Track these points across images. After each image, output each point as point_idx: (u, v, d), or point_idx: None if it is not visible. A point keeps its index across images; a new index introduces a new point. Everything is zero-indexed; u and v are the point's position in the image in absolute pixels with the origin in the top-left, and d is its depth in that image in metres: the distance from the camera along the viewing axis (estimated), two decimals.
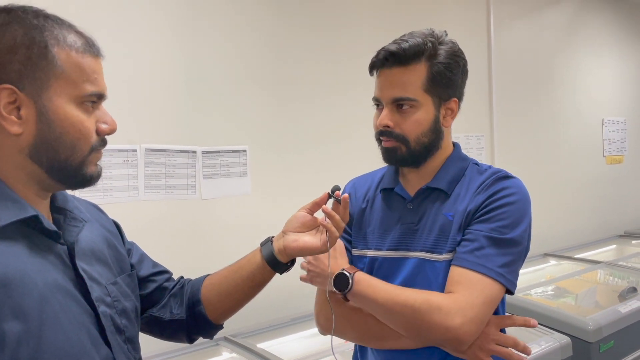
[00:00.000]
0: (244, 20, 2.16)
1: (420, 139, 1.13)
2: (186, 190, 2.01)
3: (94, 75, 0.82)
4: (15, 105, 0.76)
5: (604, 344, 2.08)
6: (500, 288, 1.06)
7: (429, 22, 2.79)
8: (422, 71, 1.11)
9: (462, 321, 1.00)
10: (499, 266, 1.06)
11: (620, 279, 2.82)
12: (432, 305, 1.03)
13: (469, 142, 3.01)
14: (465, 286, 1.04)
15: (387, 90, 1.13)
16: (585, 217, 3.73)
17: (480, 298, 1.03)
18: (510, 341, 1.08)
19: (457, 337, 1.01)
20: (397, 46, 1.11)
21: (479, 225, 1.10)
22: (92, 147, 0.83)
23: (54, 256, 0.80)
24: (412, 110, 1.12)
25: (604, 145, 3.90)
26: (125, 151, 1.87)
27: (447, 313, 1.01)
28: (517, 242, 1.09)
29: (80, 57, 0.80)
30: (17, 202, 0.77)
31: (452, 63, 1.13)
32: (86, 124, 0.81)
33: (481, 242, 1.08)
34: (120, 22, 1.86)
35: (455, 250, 1.11)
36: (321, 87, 2.39)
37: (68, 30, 0.81)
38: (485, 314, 1.04)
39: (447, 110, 1.16)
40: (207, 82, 2.07)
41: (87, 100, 0.81)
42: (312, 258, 1.17)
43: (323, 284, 1.16)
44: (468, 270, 1.06)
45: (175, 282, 1.14)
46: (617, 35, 3.99)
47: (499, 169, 1.18)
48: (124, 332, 0.89)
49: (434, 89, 1.12)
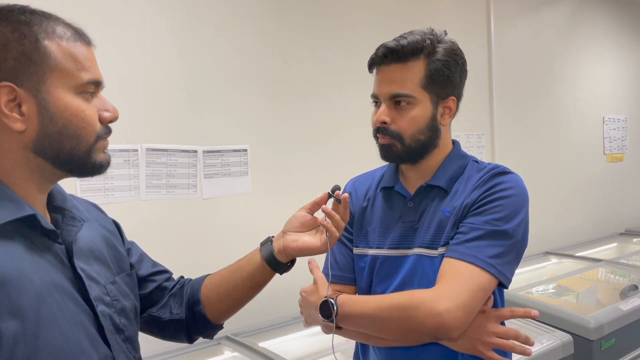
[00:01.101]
0: (244, 21, 2.16)
1: (416, 136, 1.14)
2: (187, 190, 2.01)
3: (87, 63, 0.81)
4: (16, 102, 0.76)
5: (605, 341, 2.08)
6: (490, 278, 1.05)
7: (428, 21, 2.80)
8: (420, 68, 1.11)
9: (447, 307, 0.99)
10: (490, 257, 1.05)
11: (621, 277, 2.82)
12: (417, 300, 1.03)
13: (469, 140, 3.02)
14: (453, 276, 1.04)
15: (385, 87, 1.14)
16: (586, 216, 3.73)
17: (466, 286, 1.02)
18: (512, 333, 1.07)
19: (445, 324, 1.00)
20: (396, 43, 1.11)
21: (473, 218, 1.10)
22: (98, 135, 0.83)
23: (51, 255, 0.80)
24: (409, 107, 1.12)
25: (604, 143, 3.89)
26: (126, 151, 1.87)
27: (432, 302, 1.01)
28: (510, 234, 1.08)
29: (72, 46, 0.80)
30: (14, 201, 0.77)
31: (450, 61, 1.13)
32: (88, 112, 0.81)
33: (474, 233, 1.08)
34: (120, 22, 1.86)
35: (449, 244, 1.11)
36: (322, 86, 2.39)
37: (55, 22, 0.80)
38: (473, 300, 1.03)
39: (445, 109, 1.17)
40: (207, 81, 2.07)
41: (85, 89, 0.81)
42: (301, 300, 1.20)
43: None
44: (457, 260, 1.06)
45: (175, 282, 1.14)
46: (617, 32, 3.99)
47: (498, 165, 1.18)
48: (123, 331, 0.89)
49: (432, 87, 1.13)
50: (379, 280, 1.21)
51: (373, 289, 1.22)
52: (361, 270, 1.25)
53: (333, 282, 1.25)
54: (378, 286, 1.21)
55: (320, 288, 1.17)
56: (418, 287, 1.13)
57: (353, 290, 1.27)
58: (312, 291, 1.18)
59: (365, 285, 1.24)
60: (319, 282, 1.18)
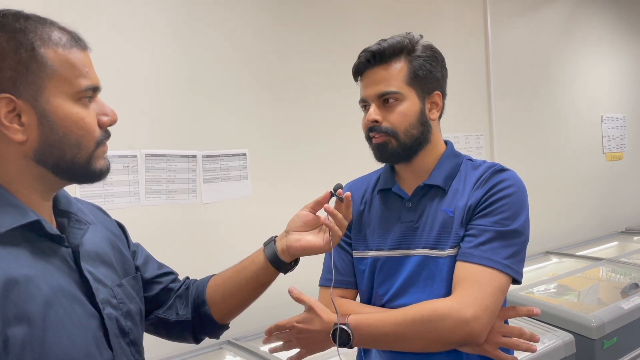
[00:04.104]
0: (243, 25, 2.17)
1: (409, 131, 1.16)
2: (187, 195, 2.02)
3: (85, 69, 0.81)
4: (15, 113, 0.75)
5: (607, 340, 2.08)
6: (507, 279, 1.08)
7: (426, 21, 2.81)
8: (403, 66, 1.16)
9: (474, 314, 1.01)
10: (505, 258, 1.07)
11: (622, 276, 2.82)
12: (441, 311, 1.03)
13: (468, 141, 3.02)
14: (473, 281, 1.05)
15: (371, 89, 1.17)
16: (586, 215, 3.73)
17: (488, 290, 1.04)
18: (517, 331, 1.09)
19: (473, 331, 1.01)
20: (378, 46, 1.16)
21: (482, 220, 1.11)
22: (98, 141, 0.82)
23: (58, 259, 0.80)
24: (398, 103, 1.15)
25: (603, 142, 3.90)
26: (126, 157, 1.87)
27: (459, 311, 1.02)
28: (520, 232, 1.11)
29: (68, 53, 0.79)
30: (18, 208, 0.77)
31: (430, 57, 1.17)
32: (87, 119, 0.80)
33: (485, 236, 1.09)
34: (119, 28, 1.86)
35: (459, 246, 1.12)
36: (320, 90, 2.40)
37: (51, 27, 0.79)
38: (496, 304, 1.05)
39: (432, 104, 1.19)
40: (205, 86, 2.07)
41: (83, 95, 0.80)
42: (296, 332, 1.11)
43: (317, 345, 1.13)
44: (475, 264, 1.07)
45: (181, 283, 1.14)
46: (615, 31, 4.00)
47: (494, 163, 1.21)
48: (129, 334, 0.89)
49: (416, 82, 1.16)
50: (380, 282, 1.21)
51: (375, 291, 1.22)
52: (362, 273, 1.25)
53: (335, 286, 1.25)
54: (380, 287, 1.21)
55: (321, 314, 1.10)
56: (423, 287, 1.14)
57: (354, 294, 1.27)
58: (311, 319, 1.10)
59: (367, 287, 1.24)
60: (317, 308, 1.11)
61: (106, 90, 0.87)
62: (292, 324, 1.12)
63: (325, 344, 1.11)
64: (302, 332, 1.11)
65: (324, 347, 1.12)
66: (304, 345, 1.13)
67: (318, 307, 1.11)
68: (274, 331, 1.13)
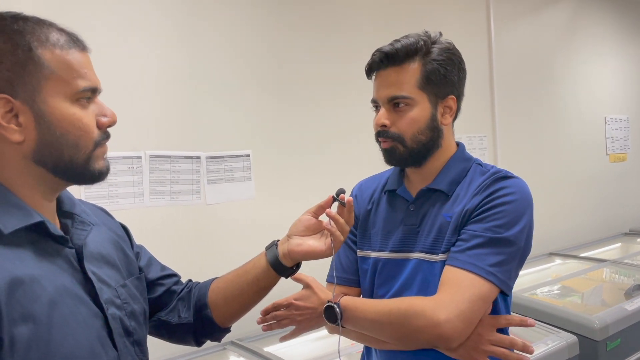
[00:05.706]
0: (247, 27, 2.17)
1: (417, 137, 1.14)
2: (191, 196, 2.02)
3: (83, 70, 0.81)
4: (13, 113, 0.76)
5: (610, 342, 2.07)
6: (491, 287, 1.04)
7: (429, 22, 2.81)
8: (416, 69, 1.12)
9: (446, 317, 0.99)
10: (490, 265, 1.05)
11: (626, 277, 2.82)
12: (417, 308, 1.02)
13: (471, 142, 3.02)
14: (453, 284, 1.04)
15: (383, 90, 1.15)
16: (589, 216, 3.72)
17: (466, 295, 1.02)
18: (507, 341, 1.05)
19: (443, 334, 0.99)
20: (391, 47, 1.13)
21: (474, 225, 1.09)
22: (96, 142, 0.82)
23: (62, 260, 0.81)
24: (408, 109, 1.13)
25: (606, 143, 3.89)
26: (130, 158, 1.88)
27: (432, 311, 1.00)
28: (512, 241, 1.07)
29: (66, 54, 0.79)
30: (22, 209, 0.77)
31: (446, 60, 1.14)
32: (85, 120, 0.80)
33: (475, 241, 1.07)
34: (122, 29, 1.87)
35: (450, 251, 1.11)
36: (324, 91, 2.40)
37: (49, 29, 0.79)
38: (473, 311, 1.02)
39: (445, 108, 1.16)
40: (209, 88, 2.08)
41: (81, 96, 0.80)
42: (294, 308, 1.17)
43: (311, 323, 1.17)
44: (458, 269, 1.05)
45: (184, 286, 1.14)
46: (617, 32, 3.99)
47: (500, 169, 1.17)
48: (133, 334, 0.89)
49: (429, 87, 1.13)
50: (380, 283, 1.21)
51: (375, 292, 1.23)
52: (364, 272, 1.25)
53: (338, 283, 1.26)
54: (379, 289, 1.21)
55: (317, 291, 1.16)
56: (418, 291, 1.14)
57: (357, 292, 1.27)
58: (308, 296, 1.16)
59: (368, 287, 1.24)
60: (314, 285, 1.17)
61: (111, 92, 0.87)
62: (289, 301, 1.17)
63: (319, 321, 1.15)
64: (299, 308, 1.16)
65: (318, 324, 1.16)
66: (299, 322, 1.17)
67: (315, 285, 1.16)
68: (271, 310, 1.18)
